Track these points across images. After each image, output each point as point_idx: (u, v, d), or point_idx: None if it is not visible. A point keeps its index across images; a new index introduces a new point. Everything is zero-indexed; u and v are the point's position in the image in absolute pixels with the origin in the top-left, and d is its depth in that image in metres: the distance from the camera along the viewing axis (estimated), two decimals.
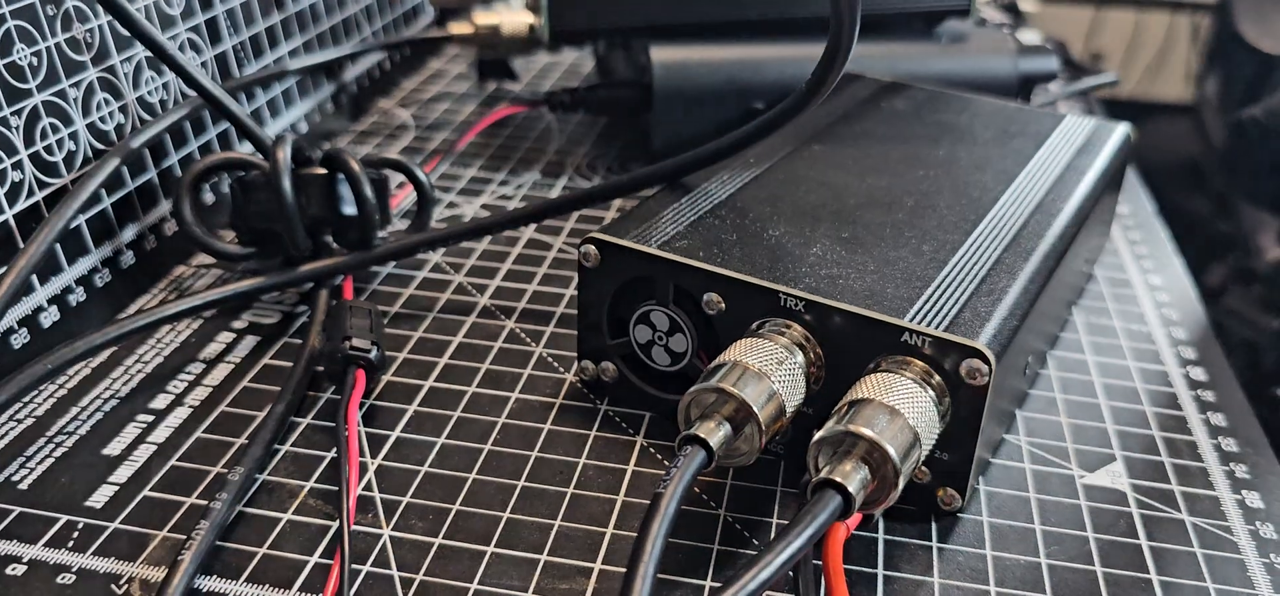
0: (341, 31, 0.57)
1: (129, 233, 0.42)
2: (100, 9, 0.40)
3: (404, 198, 0.49)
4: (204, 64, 0.46)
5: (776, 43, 0.52)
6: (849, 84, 0.48)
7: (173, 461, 0.34)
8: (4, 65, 0.36)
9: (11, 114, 0.37)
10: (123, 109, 0.42)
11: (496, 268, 0.45)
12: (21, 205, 0.37)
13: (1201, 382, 0.39)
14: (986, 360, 0.29)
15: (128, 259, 0.42)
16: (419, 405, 0.36)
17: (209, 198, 0.46)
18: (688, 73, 0.50)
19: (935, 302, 0.31)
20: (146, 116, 0.43)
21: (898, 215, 0.36)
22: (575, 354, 0.39)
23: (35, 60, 0.38)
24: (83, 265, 0.39)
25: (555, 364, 0.39)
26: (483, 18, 0.56)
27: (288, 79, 0.52)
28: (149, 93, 0.43)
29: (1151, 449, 0.36)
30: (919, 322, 0.30)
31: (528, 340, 0.40)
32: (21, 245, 0.36)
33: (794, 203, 0.37)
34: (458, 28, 0.57)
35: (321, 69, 0.55)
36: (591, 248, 0.34)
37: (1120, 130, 0.44)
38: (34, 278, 0.37)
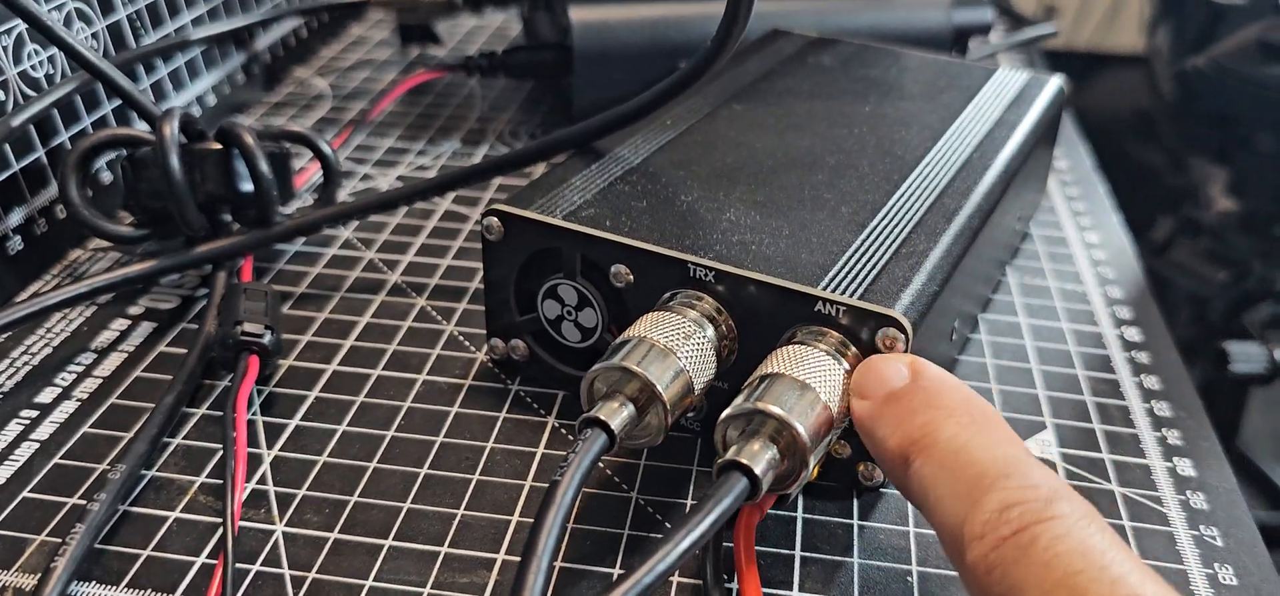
0: None
1: (16, 216, 0.39)
2: None
3: (314, 172, 0.47)
4: (95, 35, 0.44)
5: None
6: (774, 40, 0.46)
7: (56, 459, 0.32)
8: None
9: None
10: (3, 85, 0.39)
11: (410, 242, 0.43)
12: None
13: (1136, 343, 0.38)
14: (903, 328, 0.27)
15: (16, 244, 0.39)
16: (321, 391, 0.34)
17: (107, 177, 0.44)
18: (609, 32, 0.48)
19: (852, 269, 0.29)
20: (30, 92, 0.40)
21: (817, 176, 0.35)
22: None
23: None
24: None
25: (466, 343, 0.37)
26: None
27: (191, 49, 0.49)
28: (33, 68, 0.41)
29: (1083, 416, 0.34)
30: (833, 291, 0.28)
31: (438, 318, 0.38)
32: None
33: (709, 165, 0.35)
34: None
35: (230, 37, 0.52)
36: (494, 220, 0.32)
37: (1053, 82, 0.43)
38: None
